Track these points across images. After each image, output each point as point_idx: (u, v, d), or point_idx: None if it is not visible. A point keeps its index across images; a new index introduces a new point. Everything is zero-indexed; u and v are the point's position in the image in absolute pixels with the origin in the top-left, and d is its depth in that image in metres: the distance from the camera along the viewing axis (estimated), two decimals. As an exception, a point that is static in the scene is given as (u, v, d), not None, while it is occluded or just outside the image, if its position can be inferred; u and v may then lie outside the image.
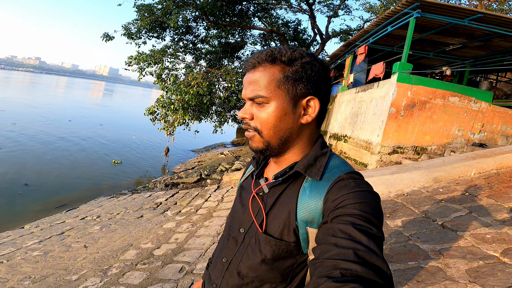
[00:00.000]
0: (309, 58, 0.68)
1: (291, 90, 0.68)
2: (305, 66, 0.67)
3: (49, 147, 10.83)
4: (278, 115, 0.68)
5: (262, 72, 0.68)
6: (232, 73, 9.42)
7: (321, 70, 0.69)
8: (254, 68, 0.70)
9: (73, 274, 2.84)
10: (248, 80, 0.70)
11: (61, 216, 5.62)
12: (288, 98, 0.68)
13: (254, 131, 0.71)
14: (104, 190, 7.60)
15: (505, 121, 5.79)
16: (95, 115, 22.59)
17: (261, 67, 0.69)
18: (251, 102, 0.71)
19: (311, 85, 0.68)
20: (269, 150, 0.72)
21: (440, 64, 10.08)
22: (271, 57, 0.68)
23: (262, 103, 0.69)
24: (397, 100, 5.65)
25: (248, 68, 0.71)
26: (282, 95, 0.68)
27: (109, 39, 11.43)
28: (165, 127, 10.17)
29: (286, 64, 0.68)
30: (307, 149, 0.74)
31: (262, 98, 0.68)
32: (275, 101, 0.68)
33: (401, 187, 3.72)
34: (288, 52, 0.68)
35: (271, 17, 14.46)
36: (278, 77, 0.67)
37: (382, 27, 6.81)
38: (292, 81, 0.67)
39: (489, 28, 5.57)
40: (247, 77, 0.71)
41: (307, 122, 0.70)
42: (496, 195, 2.84)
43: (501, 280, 1.53)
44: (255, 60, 0.70)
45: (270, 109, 0.68)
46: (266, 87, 0.67)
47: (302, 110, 0.70)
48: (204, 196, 5.62)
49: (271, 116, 0.68)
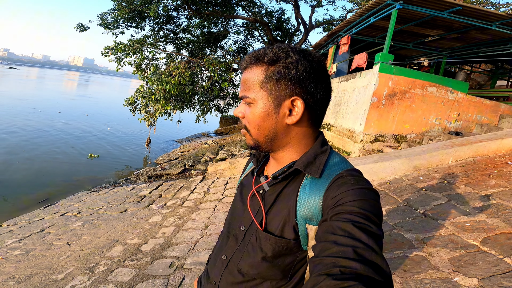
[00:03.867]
0: (296, 56, 0.66)
1: (273, 90, 0.67)
2: (288, 66, 0.65)
3: (20, 139, 10.36)
4: (261, 115, 0.69)
5: (249, 72, 0.69)
6: (215, 63, 9.24)
7: (311, 69, 0.66)
8: (246, 68, 0.71)
9: (59, 273, 2.77)
10: (241, 80, 0.73)
11: (39, 213, 5.42)
12: (271, 99, 0.67)
13: (244, 129, 0.74)
14: (83, 184, 7.37)
15: (480, 110, 6.05)
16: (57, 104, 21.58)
17: (249, 68, 0.70)
18: (243, 101, 0.72)
19: (295, 85, 0.66)
20: (259, 148, 0.74)
21: (418, 55, 10.32)
22: (255, 58, 0.69)
23: (249, 103, 0.70)
24: (379, 90, 5.77)
25: (242, 68, 0.73)
26: (265, 96, 0.68)
27: (83, 29, 10.86)
28: (146, 117, 9.92)
29: (269, 64, 0.67)
30: (304, 147, 0.73)
31: (248, 99, 0.69)
32: (259, 102, 0.68)
33: (383, 176, 3.84)
34: (271, 52, 0.66)
35: (255, 6, 14.22)
36: (260, 78, 0.67)
37: (365, 18, 6.86)
38: (274, 81, 0.66)
39: (466, 20, 5.73)
40: (242, 77, 0.73)
41: (292, 123, 0.69)
42: (473, 183, 2.98)
43: (482, 269, 1.63)
44: (245, 61, 0.71)
45: (255, 109, 0.69)
46: (251, 88, 0.69)
47: (287, 111, 0.68)
48: (189, 188, 5.57)
49: (255, 116, 0.69)
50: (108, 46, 9.88)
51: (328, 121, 8.11)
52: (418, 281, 1.70)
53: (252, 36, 16.01)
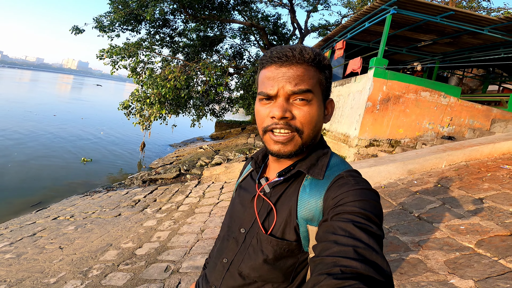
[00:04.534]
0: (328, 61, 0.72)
1: (324, 91, 0.71)
2: (331, 71, 0.73)
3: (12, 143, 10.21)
4: (318, 113, 0.68)
5: (305, 69, 0.66)
6: (210, 67, 9.25)
7: None
8: (292, 64, 0.65)
9: (51, 276, 2.72)
10: (287, 74, 0.65)
11: (31, 217, 5.33)
12: (321, 99, 0.71)
13: (294, 131, 0.66)
14: (76, 188, 7.27)
15: (472, 115, 6.14)
16: (53, 108, 21.51)
17: (300, 65, 0.65)
18: (286, 99, 0.66)
19: (330, 88, 0.74)
20: (297, 153, 0.69)
21: (411, 60, 10.47)
22: (311, 59, 0.66)
23: (306, 100, 0.65)
24: (374, 95, 5.82)
25: (282, 62, 0.65)
26: (320, 95, 0.70)
27: (79, 32, 10.80)
28: (141, 121, 9.87)
29: (321, 69, 0.70)
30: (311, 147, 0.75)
31: (309, 94, 0.65)
32: (316, 99, 0.67)
33: (378, 180, 3.86)
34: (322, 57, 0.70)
35: (251, 10, 14.30)
36: (318, 78, 0.68)
37: (360, 23, 6.95)
38: (325, 83, 0.71)
39: (459, 25, 5.83)
40: (282, 71, 0.65)
41: (326, 122, 0.74)
42: (467, 187, 3.02)
43: (478, 271, 1.64)
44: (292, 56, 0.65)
45: (313, 108, 0.67)
46: (312, 84, 0.66)
47: (325, 111, 0.73)
48: (184, 192, 5.54)
49: (313, 114, 0.67)
50: (103, 49, 9.84)
51: (323, 126, 8.15)
52: (414, 283, 1.70)
53: (248, 40, 16.10)
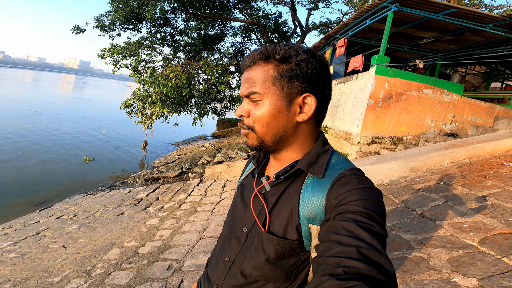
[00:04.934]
0: (305, 55, 0.67)
1: (286, 87, 0.67)
2: (300, 64, 0.67)
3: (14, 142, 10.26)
4: (271, 112, 0.68)
5: (257, 70, 0.68)
6: (212, 65, 9.24)
7: (319, 67, 0.69)
8: (250, 67, 0.70)
9: (55, 275, 2.74)
10: (244, 78, 0.71)
11: (35, 216, 5.37)
12: (283, 96, 0.68)
13: (247, 128, 0.71)
14: (79, 187, 7.31)
15: (475, 112, 6.10)
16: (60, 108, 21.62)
17: (256, 66, 0.69)
18: (247, 100, 0.71)
19: (307, 82, 0.68)
20: (263, 147, 0.72)
21: (413, 57, 10.41)
22: (265, 55, 0.68)
23: (257, 101, 0.69)
24: (375, 92, 5.80)
25: (244, 66, 0.72)
26: (277, 93, 0.67)
27: (80, 31, 10.81)
28: (143, 120, 9.89)
29: (281, 62, 0.67)
30: (307, 146, 0.73)
31: (256, 95, 0.68)
32: (269, 99, 0.68)
33: (381, 177, 3.85)
34: (283, 49, 0.67)
35: (252, 9, 14.26)
36: (272, 75, 0.67)
37: (361, 20, 6.91)
38: (287, 79, 0.67)
39: (461, 22, 5.79)
40: (244, 76, 0.72)
41: (303, 120, 0.69)
42: (470, 184, 3.01)
43: (481, 269, 1.63)
44: (250, 59, 0.70)
45: (264, 107, 0.68)
46: (261, 85, 0.68)
47: (298, 108, 0.69)
48: (186, 191, 5.55)
49: (265, 113, 0.68)
50: (105, 48, 9.86)
51: (325, 124, 8.13)
52: (417, 281, 1.70)
53: (249, 38, 16.07)
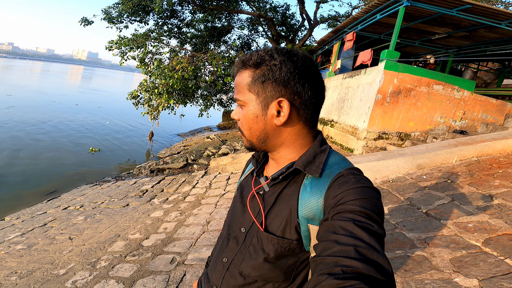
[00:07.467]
0: (280, 58, 0.66)
1: (260, 92, 0.68)
2: (272, 68, 0.66)
3: (25, 132, 10.43)
4: (251, 117, 0.71)
5: (239, 77, 0.72)
6: (218, 57, 9.21)
7: (295, 69, 0.67)
8: (237, 73, 0.74)
9: (60, 268, 2.79)
10: (234, 84, 0.75)
11: (42, 207, 5.46)
12: (258, 101, 0.69)
13: (239, 130, 0.76)
14: (86, 177, 7.41)
15: (485, 109, 5.98)
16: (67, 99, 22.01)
17: (239, 73, 0.72)
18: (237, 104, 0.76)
19: (280, 86, 0.67)
20: (254, 148, 0.76)
21: (424, 53, 10.20)
22: (242, 62, 0.71)
23: (241, 106, 0.73)
24: (384, 87, 5.72)
25: (234, 73, 0.76)
26: (253, 98, 0.69)
27: (87, 23, 10.85)
28: (149, 111, 9.97)
29: (255, 68, 0.69)
30: (301, 147, 0.73)
31: (239, 101, 0.72)
32: (249, 104, 0.70)
33: (386, 174, 3.81)
34: (256, 55, 0.68)
35: (259, 1, 14.05)
36: (248, 81, 0.69)
37: (371, 15, 6.78)
38: (260, 84, 0.68)
39: (475, 19, 5.63)
40: (234, 81, 0.76)
41: (281, 124, 0.69)
42: (477, 183, 2.95)
43: (483, 270, 1.61)
44: (236, 66, 0.74)
45: (245, 112, 0.72)
46: (242, 91, 0.71)
47: (274, 112, 0.69)
48: (191, 183, 5.58)
49: (246, 118, 0.72)
50: (112, 40, 9.90)
51: (332, 118, 8.07)
52: (418, 281, 1.68)
53: (256, 31, 15.89)
